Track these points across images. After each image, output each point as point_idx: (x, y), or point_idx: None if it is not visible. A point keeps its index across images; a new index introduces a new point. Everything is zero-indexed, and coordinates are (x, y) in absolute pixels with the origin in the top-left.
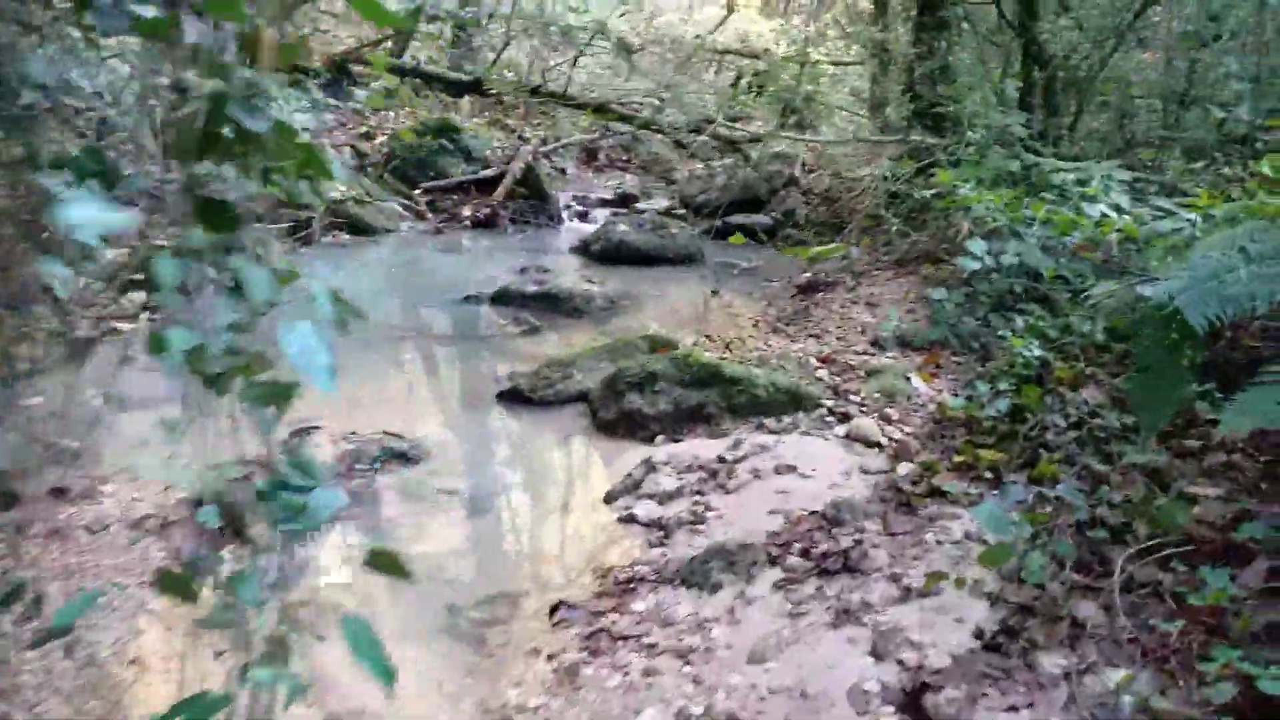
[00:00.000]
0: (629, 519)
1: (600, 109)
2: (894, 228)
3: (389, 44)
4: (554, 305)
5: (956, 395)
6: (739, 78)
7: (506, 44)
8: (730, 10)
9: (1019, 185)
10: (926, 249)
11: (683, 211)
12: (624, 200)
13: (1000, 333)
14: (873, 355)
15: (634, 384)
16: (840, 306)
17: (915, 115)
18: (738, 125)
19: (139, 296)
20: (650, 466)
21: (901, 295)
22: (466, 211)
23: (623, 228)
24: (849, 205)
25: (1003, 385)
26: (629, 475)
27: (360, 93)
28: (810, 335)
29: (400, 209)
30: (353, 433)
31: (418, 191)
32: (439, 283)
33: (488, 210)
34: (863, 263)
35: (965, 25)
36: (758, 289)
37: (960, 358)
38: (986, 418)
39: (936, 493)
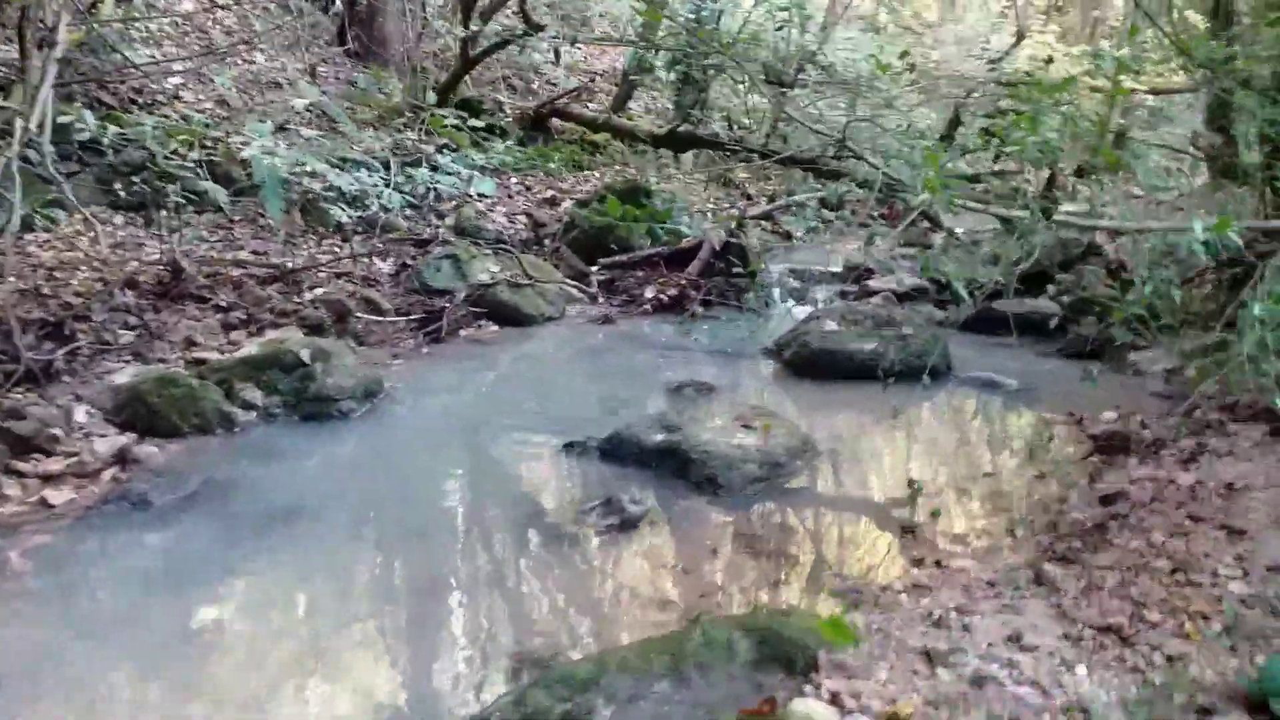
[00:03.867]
0: None
1: (807, 164)
2: (1244, 365)
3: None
4: (680, 469)
5: None
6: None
7: (705, 88)
8: (1020, 37)
9: None
10: None
11: (933, 290)
12: (856, 274)
13: None
14: None
15: None
16: (1167, 531)
17: None
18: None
19: None
20: None
21: None
22: (649, 293)
23: (829, 325)
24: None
25: None
26: None
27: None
28: (1105, 625)
29: (573, 290)
30: None
31: (595, 268)
32: (560, 407)
33: (675, 291)
34: (1209, 404)
35: None
36: (1026, 430)
37: None
38: None
39: None
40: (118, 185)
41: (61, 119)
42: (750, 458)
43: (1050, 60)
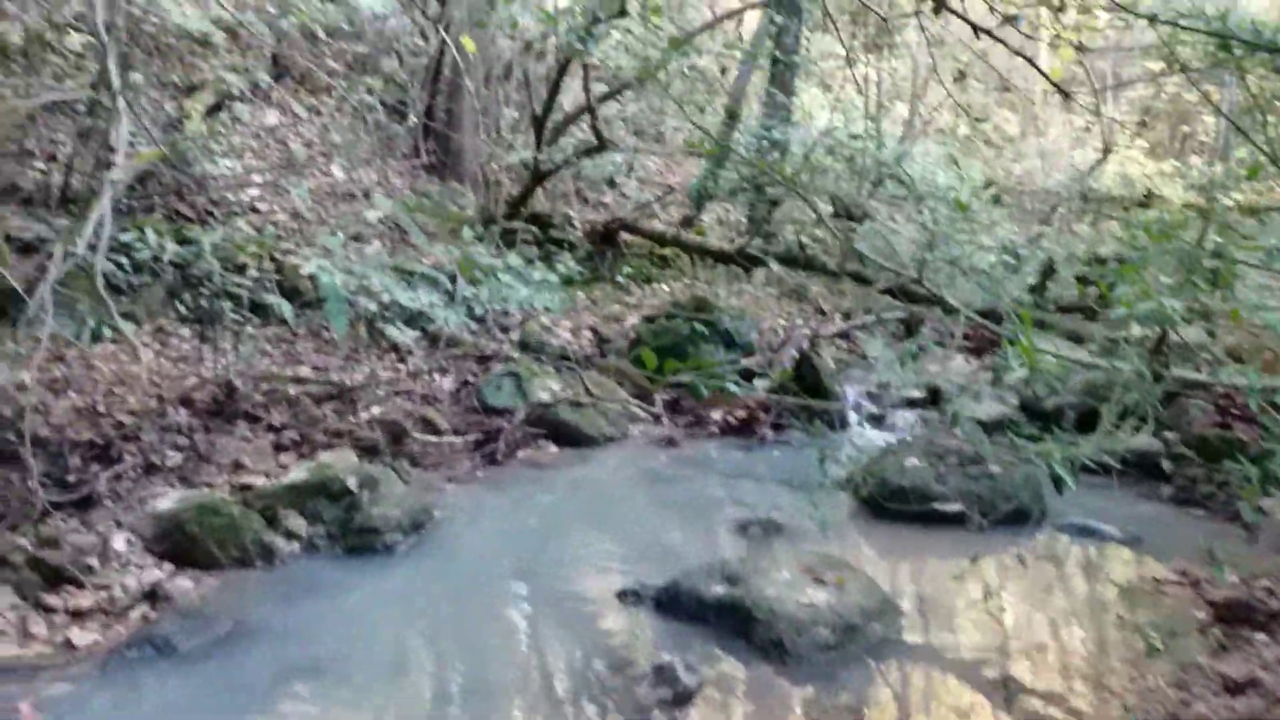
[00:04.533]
0: None
1: (884, 290)
2: None
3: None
4: (743, 629)
5: None
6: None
7: (773, 206)
8: (1107, 152)
9: None
10: None
11: (1022, 418)
12: (936, 398)
13: None
14: None
15: None
16: None
17: None
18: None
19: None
20: None
21: None
22: (716, 414)
23: (912, 461)
24: None
25: None
26: None
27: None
28: None
29: (636, 409)
30: None
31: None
32: (616, 544)
33: (743, 413)
34: None
35: None
36: (1133, 592)
37: None
38: None
39: None
40: (186, 297)
41: (125, 236)
42: (821, 619)
43: (1149, 195)
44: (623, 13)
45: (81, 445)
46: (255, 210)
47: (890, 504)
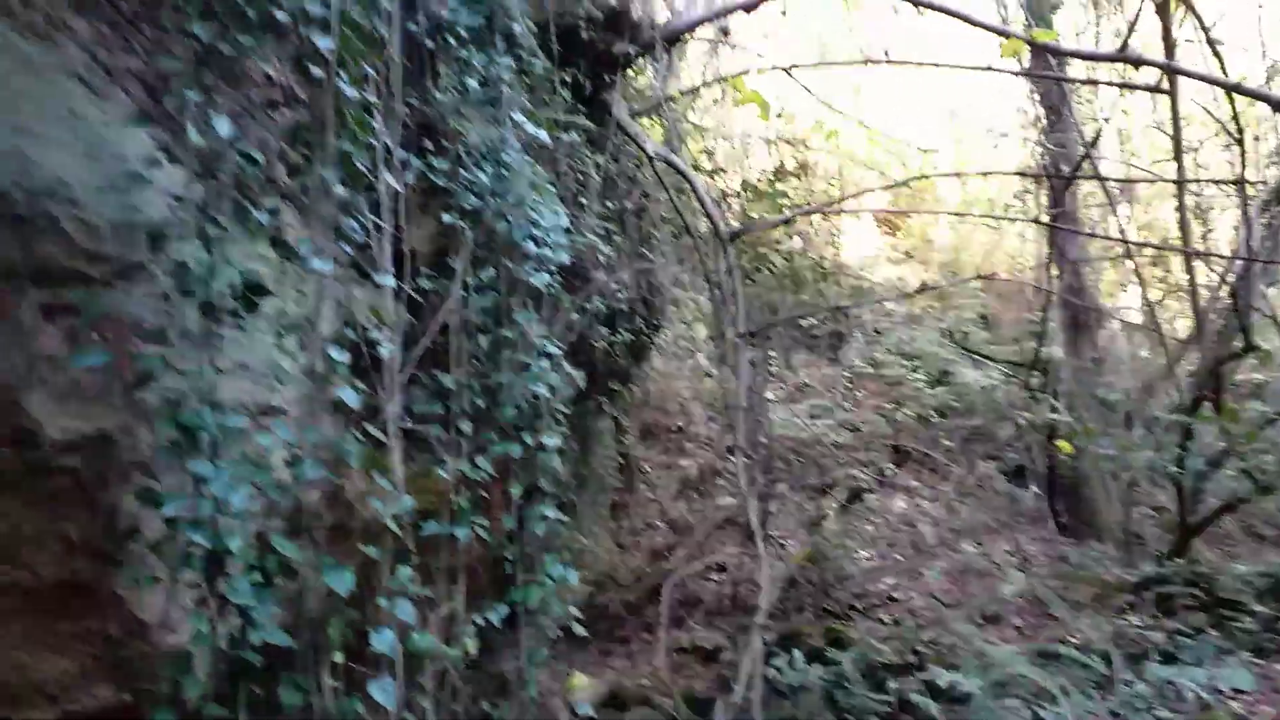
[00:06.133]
0: None
1: None
2: None
3: None
4: None
5: None
6: None
7: None
8: None
9: None
10: None
11: None
12: None
13: None
14: None
15: None
16: None
17: None
18: None
19: None
20: None
21: None
22: None
23: None
24: None
25: None
26: None
27: None
28: None
29: None
30: None
31: None
32: None
33: None
34: None
35: None
36: None
37: None
38: None
39: None
40: (839, 698)
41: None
42: None
43: None
44: (1249, 349)
45: None
46: (892, 599)
47: None
